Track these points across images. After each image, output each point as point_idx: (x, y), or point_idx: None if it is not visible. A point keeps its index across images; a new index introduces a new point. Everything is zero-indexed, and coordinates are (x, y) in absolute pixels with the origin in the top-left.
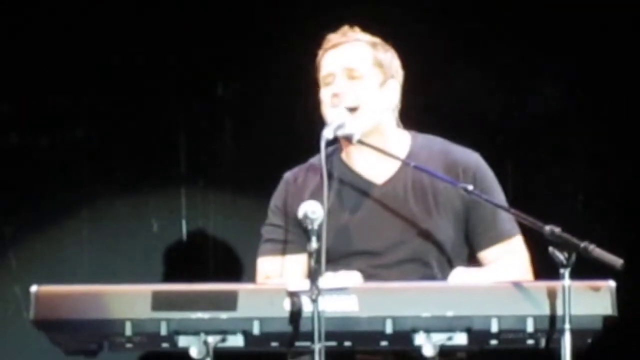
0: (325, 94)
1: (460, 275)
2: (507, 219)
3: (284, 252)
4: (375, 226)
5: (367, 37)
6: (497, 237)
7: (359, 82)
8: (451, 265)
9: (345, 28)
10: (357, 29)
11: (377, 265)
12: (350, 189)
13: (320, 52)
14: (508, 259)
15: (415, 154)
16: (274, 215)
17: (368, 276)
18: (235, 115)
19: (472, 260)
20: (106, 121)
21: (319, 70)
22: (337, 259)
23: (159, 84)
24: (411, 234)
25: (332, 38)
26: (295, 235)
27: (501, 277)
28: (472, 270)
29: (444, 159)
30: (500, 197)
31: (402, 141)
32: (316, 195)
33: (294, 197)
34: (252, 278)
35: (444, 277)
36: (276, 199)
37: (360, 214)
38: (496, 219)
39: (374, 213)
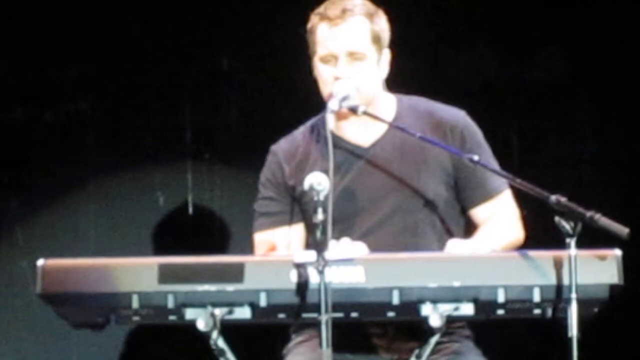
0: (325, 73)
1: (455, 247)
2: (496, 175)
3: (279, 224)
4: (363, 187)
5: (362, 7)
6: (487, 194)
7: (360, 63)
8: (444, 223)
9: (349, 2)
10: None
11: (367, 227)
12: (339, 154)
13: (316, 19)
14: (499, 218)
15: (402, 116)
16: (264, 188)
17: (359, 237)
18: (240, 89)
19: (465, 219)
20: (112, 95)
21: (316, 42)
22: (333, 223)
23: (165, 58)
24: (399, 193)
25: (331, 11)
26: (289, 207)
27: (495, 241)
28: (466, 242)
29: (431, 118)
30: (488, 153)
31: (388, 104)
32: (307, 166)
33: (285, 169)
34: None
35: (436, 235)
36: (266, 173)
37: (348, 177)
38: (486, 175)
39: (362, 175)
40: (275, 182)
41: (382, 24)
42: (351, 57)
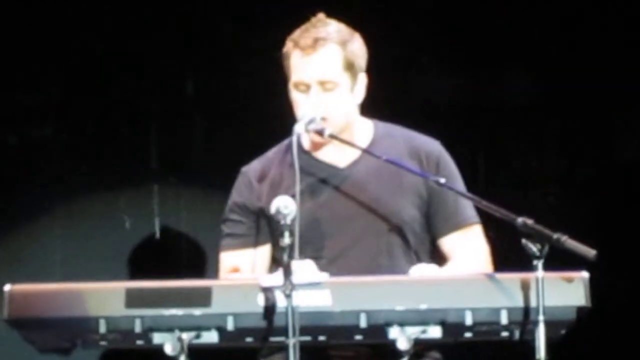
0: (298, 99)
1: (421, 271)
2: (469, 206)
3: (244, 246)
4: (338, 208)
5: (335, 34)
6: (458, 224)
7: (332, 93)
8: (417, 246)
9: (314, 20)
10: (323, 19)
11: (341, 247)
12: (314, 175)
13: (290, 45)
14: (468, 250)
15: (378, 141)
16: (231, 211)
17: (334, 258)
18: (205, 112)
19: (435, 249)
20: (76, 119)
21: (290, 68)
22: (305, 243)
23: (129, 81)
24: (373, 214)
25: (304, 40)
26: (254, 230)
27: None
28: (432, 267)
29: (407, 145)
30: (461, 184)
31: (365, 129)
32: (281, 188)
33: (256, 195)
34: None
35: (409, 258)
36: (234, 195)
37: (324, 197)
38: (458, 205)
39: (337, 196)
40: (243, 204)
41: (357, 50)
42: (322, 86)
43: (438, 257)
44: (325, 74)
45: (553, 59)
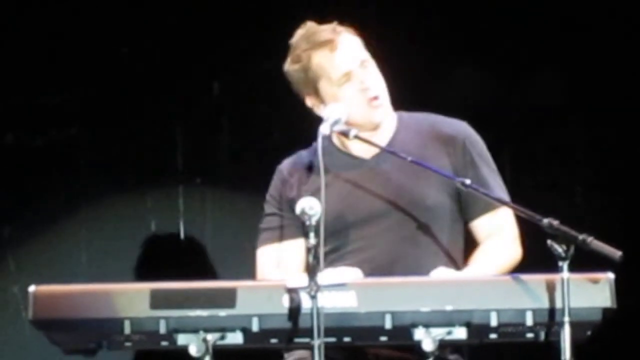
0: (350, 91)
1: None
2: (499, 187)
3: (281, 238)
4: (363, 198)
5: (335, 27)
6: (488, 206)
7: (373, 69)
8: (445, 234)
9: (308, 25)
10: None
11: (366, 237)
12: (340, 167)
13: (308, 55)
14: (497, 237)
15: (402, 131)
16: (268, 206)
17: (359, 248)
18: (232, 113)
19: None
20: (102, 121)
21: (321, 72)
22: (330, 234)
23: (155, 82)
24: (398, 203)
25: (319, 39)
26: (291, 220)
27: (492, 263)
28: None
29: (432, 131)
30: (490, 164)
31: (389, 121)
32: (309, 183)
33: (289, 187)
34: (250, 275)
35: (436, 246)
36: (271, 190)
37: (348, 188)
38: (488, 187)
39: (362, 186)
40: (279, 197)
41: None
42: (363, 66)
43: (471, 243)
44: (361, 52)
45: (581, 60)
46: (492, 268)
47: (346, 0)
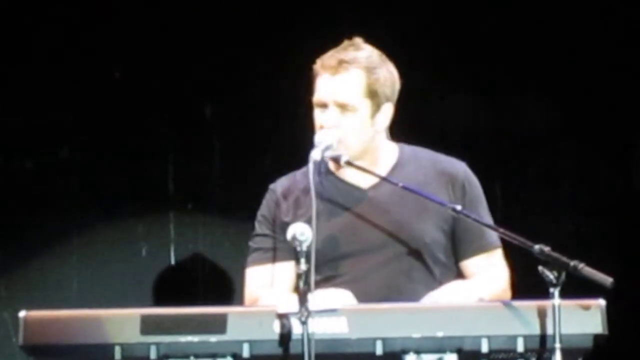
0: (316, 118)
1: (438, 295)
2: (492, 231)
3: (272, 260)
4: (360, 229)
5: (364, 59)
6: (482, 247)
7: (350, 115)
8: (439, 270)
9: (347, 43)
10: (357, 43)
11: (361, 268)
12: (337, 195)
13: (318, 65)
14: (490, 274)
15: (403, 164)
16: (260, 225)
17: (353, 279)
18: (223, 137)
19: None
20: (93, 144)
21: (314, 85)
22: (323, 263)
23: (146, 106)
24: (395, 236)
25: (329, 60)
26: (283, 243)
27: (481, 294)
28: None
29: (433, 167)
30: (485, 208)
31: (389, 152)
32: (303, 208)
33: (283, 210)
34: (241, 302)
35: (430, 282)
36: (263, 210)
37: (346, 217)
38: (483, 229)
39: (359, 216)
40: (271, 218)
41: (384, 79)
42: (340, 108)
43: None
44: (344, 96)
45: (570, 85)
46: (483, 292)
47: (338, 28)
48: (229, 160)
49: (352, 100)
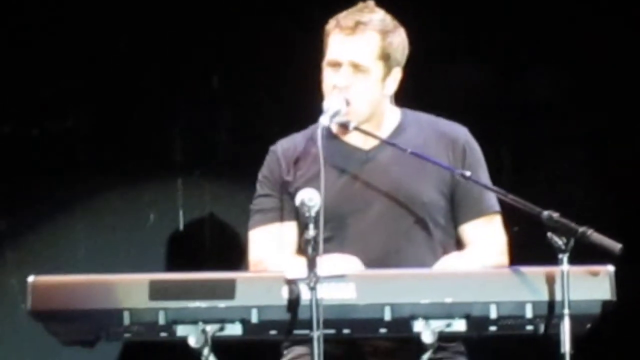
0: (327, 78)
1: (447, 261)
2: (492, 195)
3: (275, 219)
4: (360, 189)
5: (378, 22)
6: (481, 211)
7: (362, 76)
8: (437, 231)
9: (361, 5)
10: (371, 6)
11: (360, 228)
12: (339, 156)
13: (332, 24)
14: (488, 239)
15: (405, 127)
16: (261, 186)
17: (354, 236)
18: (231, 105)
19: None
20: (100, 113)
21: (327, 46)
22: (324, 223)
23: (154, 75)
24: (393, 196)
25: (345, 21)
26: (286, 202)
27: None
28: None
29: (433, 130)
30: (485, 171)
31: (392, 116)
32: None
33: (284, 169)
34: (246, 265)
35: (428, 242)
36: (264, 170)
37: (346, 178)
38: (482, 193)
39: (360, 177)
40: (273, 178)
41: (396, 43)
42: (354, 69)
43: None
44: (359, 57)
45: (578, 54)
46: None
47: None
48: (237, 127)
49: (366, 61)
